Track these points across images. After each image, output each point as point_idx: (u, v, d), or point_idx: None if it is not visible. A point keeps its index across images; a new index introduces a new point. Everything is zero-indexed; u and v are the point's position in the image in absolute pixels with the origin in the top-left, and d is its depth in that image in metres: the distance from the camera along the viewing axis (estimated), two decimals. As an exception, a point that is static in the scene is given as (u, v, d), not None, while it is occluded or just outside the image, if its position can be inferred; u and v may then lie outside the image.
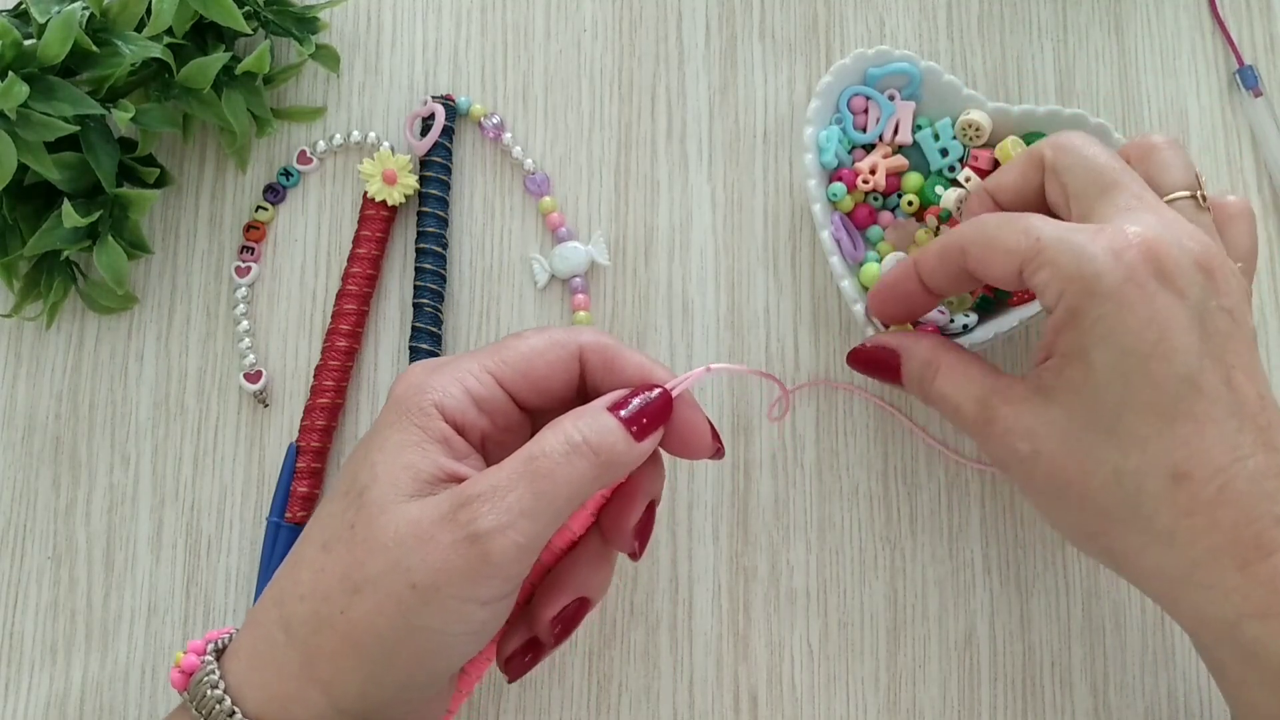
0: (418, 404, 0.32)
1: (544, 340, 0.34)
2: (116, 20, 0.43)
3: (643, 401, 0.33)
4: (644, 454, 0.33)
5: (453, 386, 0.32)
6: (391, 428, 0.32)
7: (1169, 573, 0.31)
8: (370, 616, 0.30)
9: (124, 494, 0.45)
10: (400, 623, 0.30)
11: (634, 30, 0.49)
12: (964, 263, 0.35)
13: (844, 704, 0.43)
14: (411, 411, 0.32)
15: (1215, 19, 0.50)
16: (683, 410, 0.34)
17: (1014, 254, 0.33)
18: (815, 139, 0.45)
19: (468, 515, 0.30)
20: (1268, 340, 0.47)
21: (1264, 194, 0.48)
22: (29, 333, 0.47)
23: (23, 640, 0.44)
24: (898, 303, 0.39)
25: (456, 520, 0.30)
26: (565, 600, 0.34)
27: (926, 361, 0.37)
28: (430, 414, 0.32)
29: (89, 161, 0.43)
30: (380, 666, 0.31)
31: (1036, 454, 0.32)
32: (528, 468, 0.31)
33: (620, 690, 0.44)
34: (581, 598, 0.34)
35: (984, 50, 0.49)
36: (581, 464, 0.31)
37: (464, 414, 0.32)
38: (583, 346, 0.34)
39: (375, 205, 0.47)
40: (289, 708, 0.31)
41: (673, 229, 0.48)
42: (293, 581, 0.32)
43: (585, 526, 0.35)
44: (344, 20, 0.50)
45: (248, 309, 0.47)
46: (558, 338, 0.34)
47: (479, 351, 0.34)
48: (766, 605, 0.44)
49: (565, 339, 0.34)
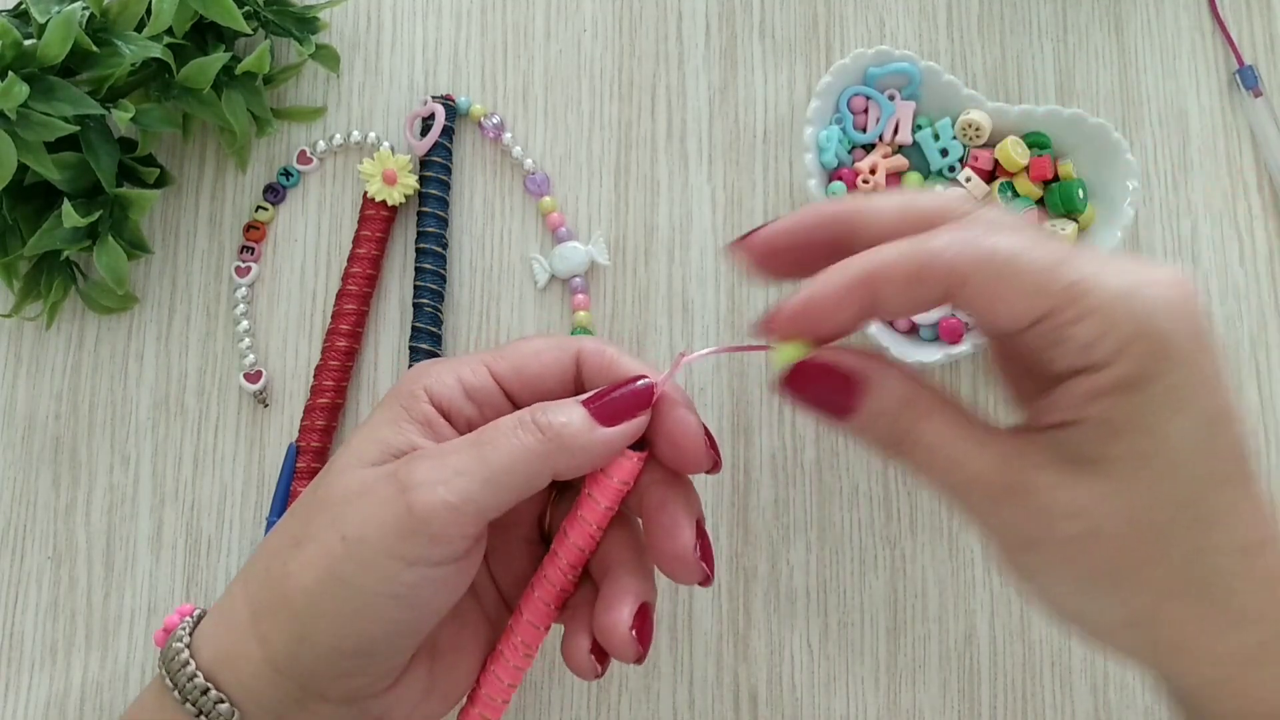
0: (408, 389, 0.33)
1: (545, 342, 0.34)
2: (116, 20, 0.43)
3: (619, 388, 0.32)
4: (609, 441, 0.31)
5: (446, 375, 0.33)
6: (379, 409, 0.33)
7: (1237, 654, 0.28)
8: (302, 570, 0.30)
9: (124, 494, 0.45)
10: (325, 575, 0.30)
11: (634, 30, 0.49)
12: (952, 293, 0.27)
13: (844, 704, 0.43)
14: (400, 394, 0.33)
15: (1215, 19, 0.50)
16: (674, 409, 0.32)
17: (1039, 293, 0.26)
18: (815, 139, 0.45)
19: (406, 471, 0.30)
20: (1268, 341, 0.47)
21: (1264, 194, 0.48)
22: (29, 333, 0.47)
23: (23, 640, 0.44)
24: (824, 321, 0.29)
25: (395, 476, 0.30)
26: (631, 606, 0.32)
27: (906, 399, 0.29)
28: (417, 396, 0.32)
29: (89, 161, 0.43)
30: (308, 624, 0.30)
31: (1093, 535, 0.27)
32: (475, 437, 0.31)
33: (620, 690, 0.44)
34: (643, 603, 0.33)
35: (984, 50, 0.49)
36: (527, 438, 0.30)
37: (452, 400, 0.33)
38: (582, 350, 0.33)
39: (375, 205, 0.47)
40: (234, 663, 0.31)
41: (673, 229, 0.48)
42: (264, 543, 0.33)
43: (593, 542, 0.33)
44: (344, 20, 0.50)
45: (248, 309, 0.47)
46: (560, 341, 0.34)
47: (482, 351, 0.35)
48: (766, 605, 0.44)
49: (566, 343, 0.34)
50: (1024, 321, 0.27)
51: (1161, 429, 0.26)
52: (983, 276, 0.26)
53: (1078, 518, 0.27)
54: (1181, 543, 0.27)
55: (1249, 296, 0.47)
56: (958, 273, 0.27)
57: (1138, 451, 0.26)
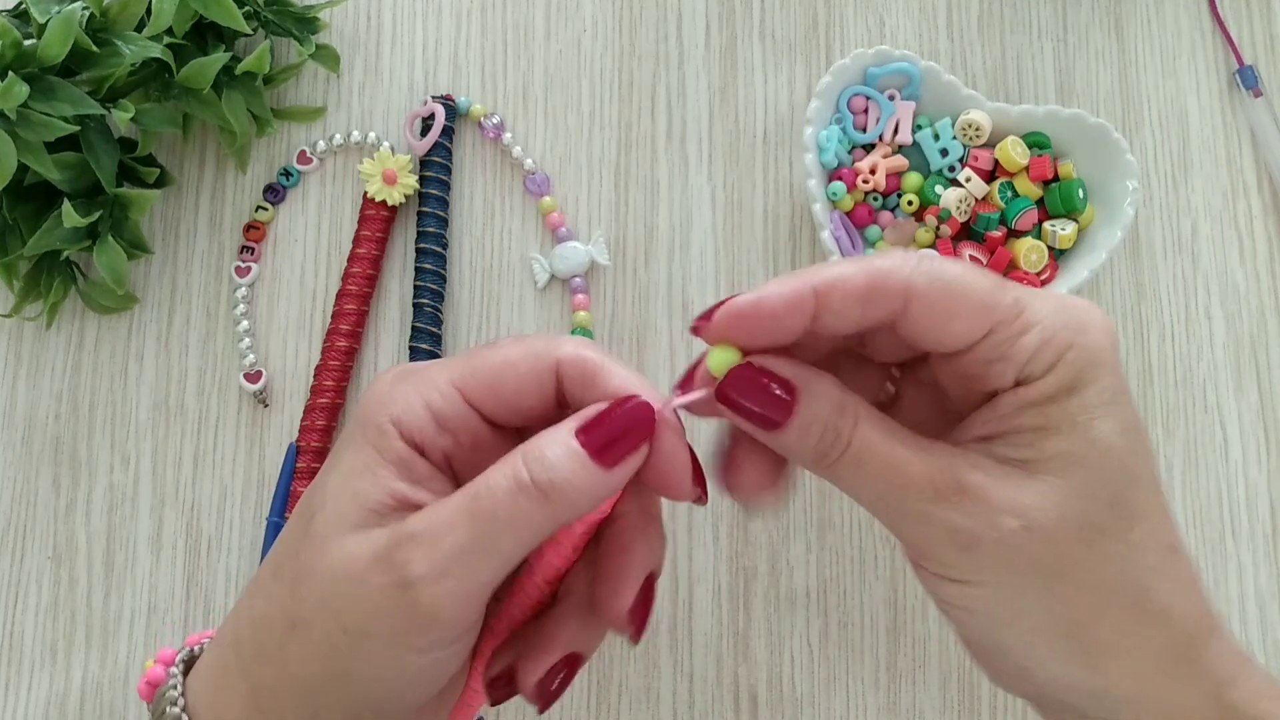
0: (375, 421, 0.29)
1: (518, 351, 0.30)
2: (116, 20, 0.43)
3: (616, 419, 0.28)
4: (616, 485, 0.28)
5: (414, 401, 0.29)
6: (348, 447, 0.30)
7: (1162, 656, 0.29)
8: (305, 657, 0.28)
9: (124, 494, 0.45)
10: (334, 667, 0.28)
11: (634, 30, 0.49)
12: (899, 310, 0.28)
13: (844, 704, 0.43)
14: (369, 429, 0.29)
15: (1215, 19, 0.50)
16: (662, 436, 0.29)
17: (988, 310, 0.27)
18: (815, 139, 0.45)
19: (402, 557, 0.27)
20: (1268, 341, 0.47)
21: (1264, 194, 0.48)
22: (29, 333, 0.47)
23: (23, 640, 0.44)
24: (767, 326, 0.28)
25: (391, 561, 0.27)
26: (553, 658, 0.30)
27: (839, 406, 0.28)
28: (387, 433, 0.29)
29: (89, 161, 0.43)
30: (318, 709, 0.29)
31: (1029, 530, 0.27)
32: (470, 506, 0.27)
33: (620, 690, 0.43)
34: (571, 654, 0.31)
35: (984, 50, 0.49)
36: (527, 504, 0.27)
37: (424, 432, 0.29)
38: (560, 360, 0.30)
39: (375, 205, 0.47)
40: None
41: (673, 229, 0.48)
42: (249, 604, 0.31)
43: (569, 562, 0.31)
44: (344, 20, 0.50)
45: (248, 309, 0.47)
46: (535, 348, 0.30)
47: (452, 360, 0.31)
48: (766, 605, 0.44)
49: (542, 350, 0.30)
50: (974, 336, 0.28)
51: (1091, 430, 0.28)
52: (935, 294, 0.28)
53: (1017, 514, 0.27)
54: (1113, 540, 0.28)
55: (1249, 296, 0.47)
56: (910, 290, 0.27)
57: (1070, 451, 0.28)
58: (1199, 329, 0.47)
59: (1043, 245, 0.44)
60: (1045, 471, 0.28)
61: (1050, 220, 0.45)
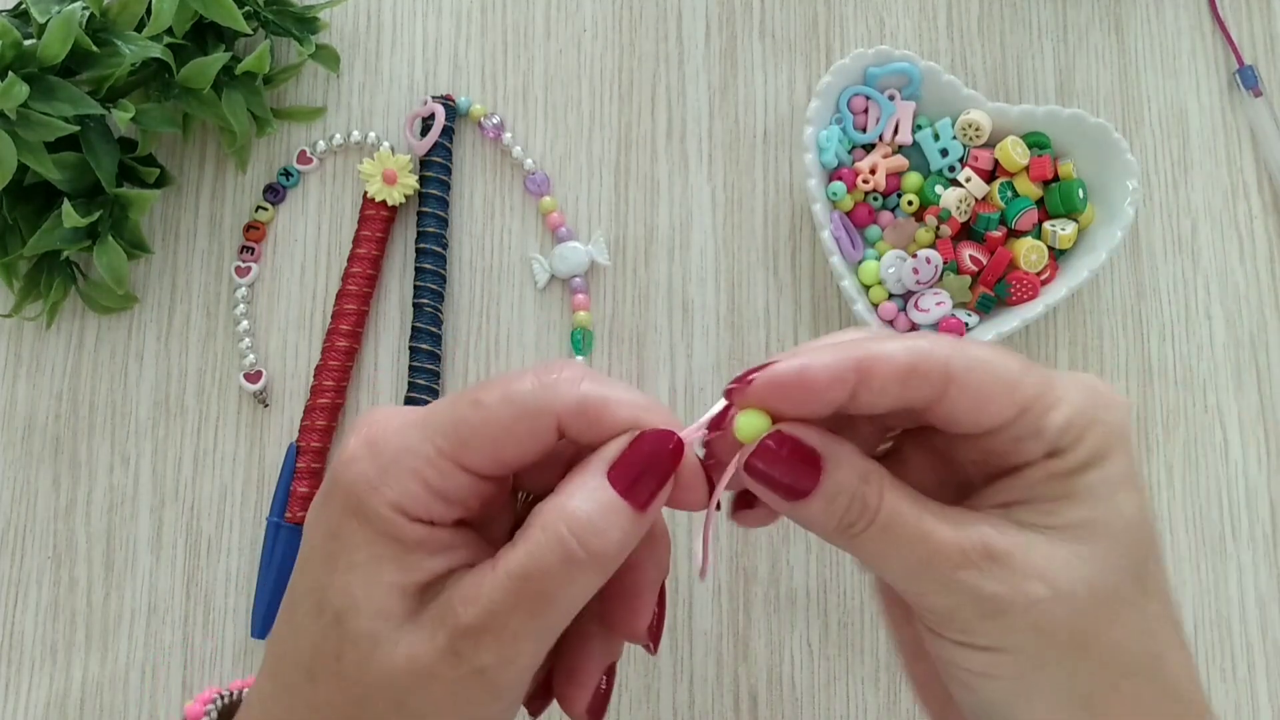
0: (376, 511, 0.28)
1: (511, 413, 0.28)
2: (116, 20, 0.43)
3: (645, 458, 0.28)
4: (650, 521, 0.28)
5: (409, 484, 0.28)
6: (356, 543, 0.28)
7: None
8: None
9: (124, 494, 0.45)
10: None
11: (634, 30, 0.49)
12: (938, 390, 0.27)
13: (844, 704, 0.43)
14: (373, 520, 0.28)
15: (1215, 19, 0.50)
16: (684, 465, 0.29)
17: (1020, 388, 0.28)
18: (815, 139, 0.45)
19: (469, 649, 0.27)
20: (1268, 341, 0.47)
21: (1264, 194, 0.48)
22: (29, 333, 0.47)
23: (23, 640, 0.44)
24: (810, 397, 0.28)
25: (459, 654, 0.27)
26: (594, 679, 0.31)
27: (864, 475, 0.28)
28: (395, 521, 0.28)
29: (89, 161, 0.43)
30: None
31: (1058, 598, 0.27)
32: (524, 589, 0.27)
33: (620, 690, 0.43)
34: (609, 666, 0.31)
35: (984, 50, 0.49)
36: (580, 575, 0.27)
37: (429, 509, 0.28)
38: (560, 416, 0.28)
39: (375, 205, 0.47)
40: None
41: (673, 229, 0.48)
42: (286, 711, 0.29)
43: None
44: (344, 20, 0.50)
45: (248, 309, 0.47)
46: (528, 406, 0.28)
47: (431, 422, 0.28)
48: (766, 605, 0.44)
49: (538, 406, 0.28)
50: (1009, 415, 0.28)
51: (1113, 502, 0.28)
52: (973, 376, 0.27)
53: (1046, 581, 0.27)
54: (1134, 611, 0.28)
55: (1249, 296, 0.47)
56: (949, 371, 0.27)
57: (1093, 520, 0.28)
58: (1199, 329, 0.47)
59: (1043, 245, 0.44)
60: (1069, 539, 0.28)
61: (1050, 220, 0.45)
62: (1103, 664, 0.28)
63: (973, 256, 0.45)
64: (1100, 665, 0.28)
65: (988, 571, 0.27)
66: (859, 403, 0.28)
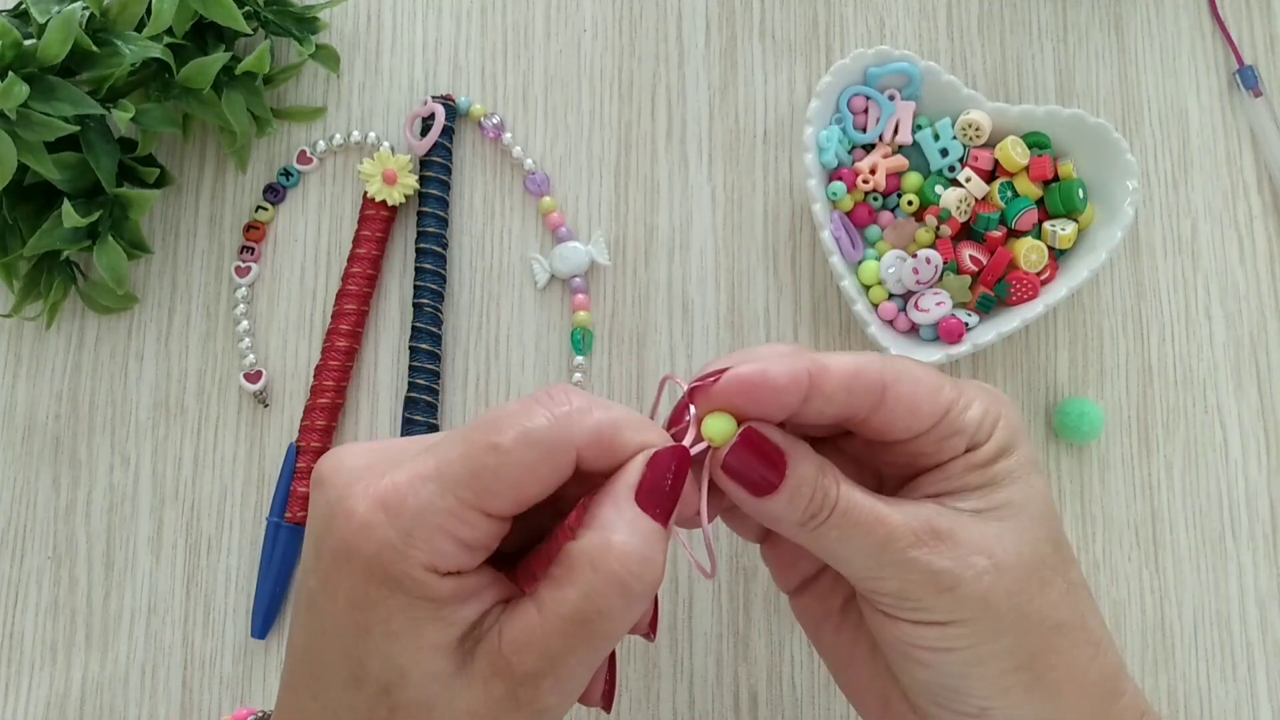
0: (408, 575, 0.27)
1: (535, 455, 0.28)
2: (116, 20, 0.43)
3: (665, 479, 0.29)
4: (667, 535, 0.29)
5: (439, 542, 0.27)
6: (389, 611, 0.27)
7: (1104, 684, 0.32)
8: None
9: (124, 494, 0.45)
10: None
11: (634, 30, 0.49)
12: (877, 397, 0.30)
13: (844, 704, 0.43)
14: (406, 585, 0.27)
15: (1215, 19, 0.50)
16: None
17: (942, 392, 0.31)
18: (815, 139, 0.45)
19: (529, 694, 0.28)
20: (1268, 341, 0.47)
21: (1264, 194, 0.48)
22: (29, 333, 0.47)
23: (23, 640, 0.44)
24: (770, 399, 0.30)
25: (518, 700, 0.28)
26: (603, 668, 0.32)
27: (821, 467, 0.30)
28: (428, 582, 0.27)
29: (89, 161, 0.43)
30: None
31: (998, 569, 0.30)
32: (581, 630, 0.27)
33: (620, 690, 0.43)
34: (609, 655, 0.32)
35: (984, 50, 0.49)
36: (640, 607, 0.28)
37: (458, 563, 0.28)
38: (580, 450, 0.28)
39: (375, 205, 0.47)
40: None
41: (673, 229, 0.48)
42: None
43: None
44: (344, 20, 0.50)
45: (248, 309, 0.47)
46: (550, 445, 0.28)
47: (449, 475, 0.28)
48: (766, 605, 0.44)
49: (559, 444, 0.28)
50: (936, 417, 0.31)
51: (1026, 483, 0.32)
52: (905, 386, 0.31)
53: (986, 554, 0.30)
54: (1059, 576, 0.31)
55: (1249, 296, 0.47)
56: (883, 380, 0.30)
57: (1013, 500, 0.31)
58: (1199, 329, 0.47)
59: (1043, 245, 0.44)
60: (996, 518, 0.31)
61: (1050, 220, 0.45)
62: (1040, 627, 0.31)
63: (973, 256, 0.45)
64: (1038, 628, 0.31)
65: (936, 549, 0.30)
66: (809, 409, 0.30)
